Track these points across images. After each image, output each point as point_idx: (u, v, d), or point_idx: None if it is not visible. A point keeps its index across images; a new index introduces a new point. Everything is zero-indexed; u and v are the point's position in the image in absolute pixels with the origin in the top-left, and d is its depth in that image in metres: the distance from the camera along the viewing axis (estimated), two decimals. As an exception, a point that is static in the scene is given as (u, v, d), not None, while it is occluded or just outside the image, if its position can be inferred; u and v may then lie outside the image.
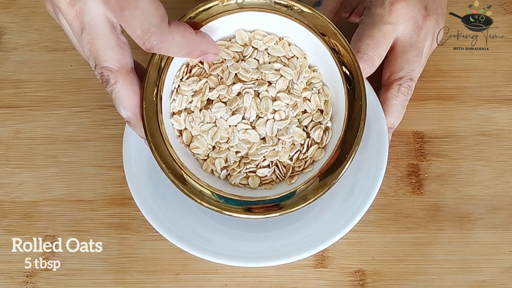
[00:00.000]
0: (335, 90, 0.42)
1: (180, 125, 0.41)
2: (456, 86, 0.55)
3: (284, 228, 0.49)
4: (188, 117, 0.41)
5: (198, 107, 0.41)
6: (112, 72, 0.36)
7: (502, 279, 0.47)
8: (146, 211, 0.44)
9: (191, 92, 0.41)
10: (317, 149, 0.41)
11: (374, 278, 0.47)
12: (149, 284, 0.48)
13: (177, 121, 0.41)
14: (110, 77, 0.36)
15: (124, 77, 0.37)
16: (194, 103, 0.41)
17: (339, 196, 0.48)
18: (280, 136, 0.41)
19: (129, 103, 0.38)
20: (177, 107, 0.41)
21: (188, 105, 0.41)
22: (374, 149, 0.46)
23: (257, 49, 0.42)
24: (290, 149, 0.41)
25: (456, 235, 0.49)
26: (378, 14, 0.48)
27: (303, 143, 0.41)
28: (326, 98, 0.42)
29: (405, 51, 0.49)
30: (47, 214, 0.51)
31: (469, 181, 0.51)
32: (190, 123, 0.41)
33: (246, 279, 0.48)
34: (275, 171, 0.41)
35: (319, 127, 0.41)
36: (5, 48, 0.58)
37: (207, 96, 0.41)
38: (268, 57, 0.42)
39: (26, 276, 0.49)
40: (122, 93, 0.37)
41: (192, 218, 0.49)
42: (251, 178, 0.41)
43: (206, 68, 0.41)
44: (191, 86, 0.41)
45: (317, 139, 0.41)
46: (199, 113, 0.41)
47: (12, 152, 0.53)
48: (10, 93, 0.56)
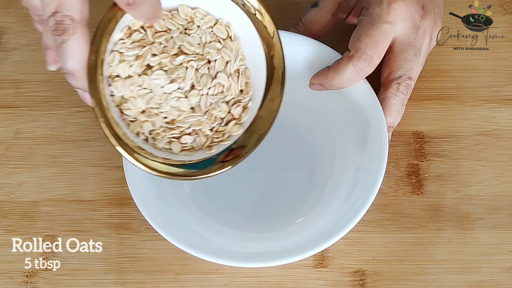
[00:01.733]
0: (257, 74, 0.43)
1: (118, 91, 0.41)
2: (456, 86, 0.55)
3: (284, 228, 0.49)
4: (126, 82, 0.41)
5: (137, 72, 0.42)
6: (73, 22, 0.36)
7: (502, 279, 0.47)
8: (146, 212, 0.44)
9: (133, 57, 0.42)
10: (235, 124, 0.43)
11: (374, 278, 0.47)
12: (149, 284, 0.48)
13: (116, 87, 0.41)
14: (70, 27, 0.36)
15: (82, 29, 0.37)
16: (134, 68, 0.42)
17: (339, 196, 0.48)
18: (212, 110, 0.42)
19: (81, 55, 0.37)
20: (117, 70, 0.41)
21: (128, 69, 0.42)
22: (374, 149, 0.46)
23: (199, 27, 0.43)
24: (212, 121, 0.43)
25: (456, 235, 0.49)
26: (376, 13, 0.48)
27: (223, 118, 0.43)
28: (247, 80, 0.44)
29: (403, 50, 0.49)
30: (47, 214, 0.51)
31: (469, 181, 0.51)
32: (128, 87, 0.41)
33: (246, 279, 0.48)
34: (195, 139, 0.43)
35: (239, 105, 0.43)
36: (5, 48, 0.58)
37: (148, 61, 0.42)
38: (210, 37, 0.43)
39: (26, 276, 0.49)
40: (77, 44, 0.37)
41: (192, 218, 0.49)
42: (174, 144, 0.42)
43: (149, 35, 0.42)
44: (134, 51, 0.41)
45: (236, 116, 0.43)
46: (138, 78, 0.41)
47: (12, 152, 0.53)
48: (10, 93, 0.56)
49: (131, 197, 0.45)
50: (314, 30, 0.53)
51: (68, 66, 0.37)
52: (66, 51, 0.37)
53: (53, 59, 0.42)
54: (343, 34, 0.51)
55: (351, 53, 0.47)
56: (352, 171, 0.49)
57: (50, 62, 0.42)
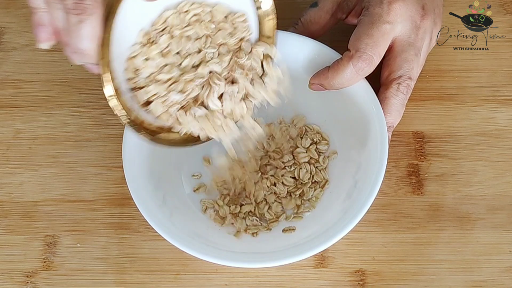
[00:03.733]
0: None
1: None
2: (456, 86, 0.55)
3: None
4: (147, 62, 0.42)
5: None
6: (95, 2, 0.36)
7: (502, 279, 0.47)
8: (146, 212, 0.44)
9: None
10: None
11: (374, 278, 0.47)
12: (149, 284, 0.48)
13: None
14: (90, 7, 0.36)
15: (101, 10, 0.37)
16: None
17: (339, 196, 0.48)
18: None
19: (96, 35, 0.37)
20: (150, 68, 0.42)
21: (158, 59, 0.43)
22: (374, 149, 0.46)
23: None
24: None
25: (456, 235, 0.49)
26: (376, 13, 0.48)
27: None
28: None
29: (403, 50, 0.49)
30: (47, 214, 0.51)
31: (469, 181, 0.51)
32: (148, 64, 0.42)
33: (246, 279, 0.48)
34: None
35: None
36: (5, 48, 0.58)
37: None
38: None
39: (26, 276, 0.49)
40: (95, 25, 0.37)
41: (192, 219, 0.49)
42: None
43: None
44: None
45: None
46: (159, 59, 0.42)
47: (12, 152, 0.54)
48: (10, 93, 0.56)
49: (131, 197, 0.45)
50: (313, 30, 0.53)
51: (83, 46, 0.37)
52: (82, 31, 0.37)
53: (47, 36, 0.39)
54: (343, 34, 0.51)
55: (351, 53, 0.47)
56: (352, 171, 0.49)
57: (43, 40, 0.39)
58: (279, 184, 0.50)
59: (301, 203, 0.50)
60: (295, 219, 0.49)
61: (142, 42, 0.42)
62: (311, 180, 0.50)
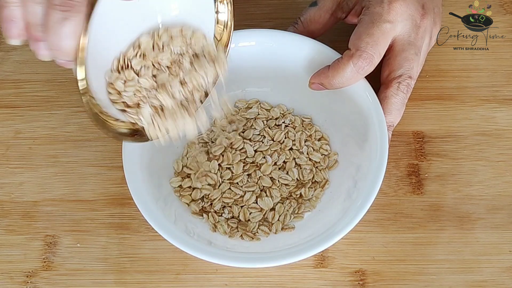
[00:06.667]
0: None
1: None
2: (456, 86, 0.55)
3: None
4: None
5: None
6: (83, 1, 0.35)
7: (502, 279, 0.47)
8: (146, 212, 0.44)
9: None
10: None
11: (374, 278, 0.47)
12: (149, 284, 0.48)
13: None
14: (78, 5, 0.35)
15: (87, 8, 0.36)
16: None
17: (339, 196, 0.48)
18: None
19: (78, 34, 0.36)
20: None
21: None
22: (374, 148, 0.46)
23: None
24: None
25: (456, 235, 0.49)
26: (377, 12, 0.48)
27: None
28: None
29: (403, 50, 0.49)
30: (47, 214, 0.51)
31: (469, 181, 0.51)
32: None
33: (246, 279, 0.48)
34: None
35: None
36: (5, 48, 0.58)
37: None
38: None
39: (26, 276, 0.48)
40: (78, 23, 0.36)
41: (192, 219, 0.49)
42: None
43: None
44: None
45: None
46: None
47: (12, 152, 0.54)
48: (10, 93, 0.56)
49: (131, 197, 0.45)
50: (313, 29, 0.53)
51: (63, 43, 0.36)
52: (65, 29, 0.35)
53: (19, 32, 0.38)
54: (343, 34, 0.51)
55: (351, 52, 0.47)
56: (352, 171, 0.49)
57: (14, 36, 0.38)
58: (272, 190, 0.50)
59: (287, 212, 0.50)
60: (295, 219, 0.49)
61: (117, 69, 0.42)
62: (311, 180, 0.50)
